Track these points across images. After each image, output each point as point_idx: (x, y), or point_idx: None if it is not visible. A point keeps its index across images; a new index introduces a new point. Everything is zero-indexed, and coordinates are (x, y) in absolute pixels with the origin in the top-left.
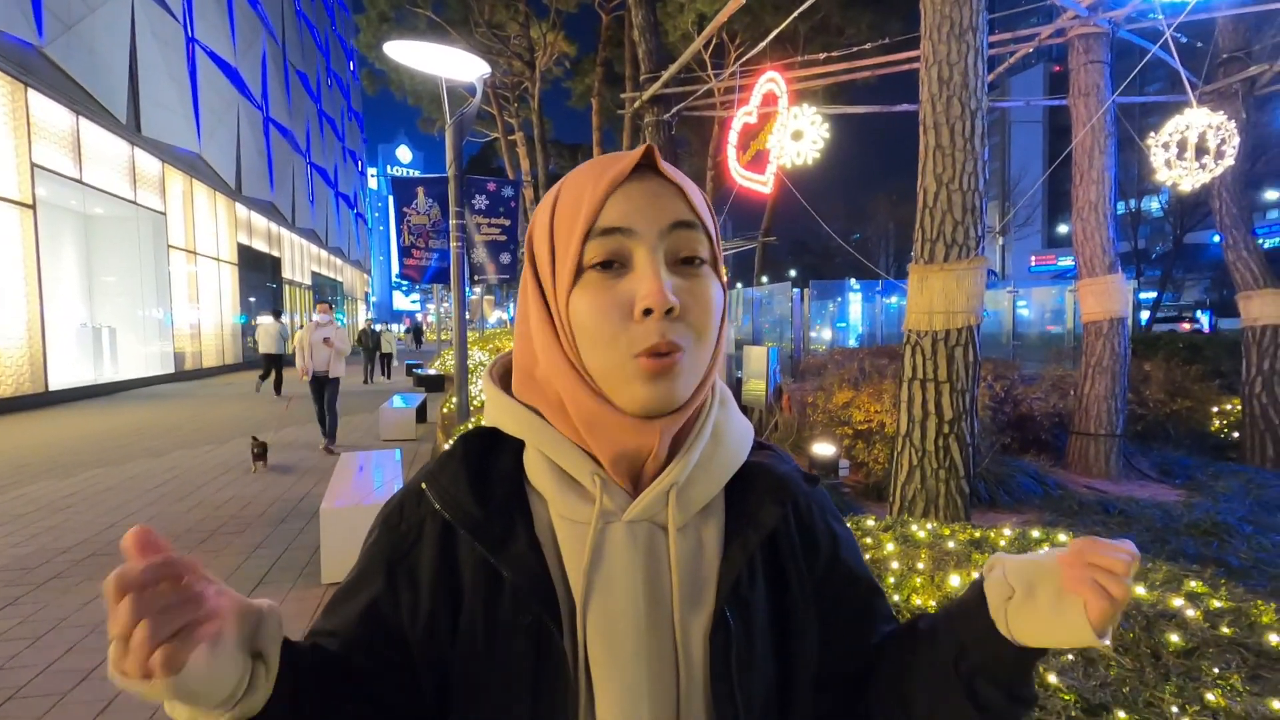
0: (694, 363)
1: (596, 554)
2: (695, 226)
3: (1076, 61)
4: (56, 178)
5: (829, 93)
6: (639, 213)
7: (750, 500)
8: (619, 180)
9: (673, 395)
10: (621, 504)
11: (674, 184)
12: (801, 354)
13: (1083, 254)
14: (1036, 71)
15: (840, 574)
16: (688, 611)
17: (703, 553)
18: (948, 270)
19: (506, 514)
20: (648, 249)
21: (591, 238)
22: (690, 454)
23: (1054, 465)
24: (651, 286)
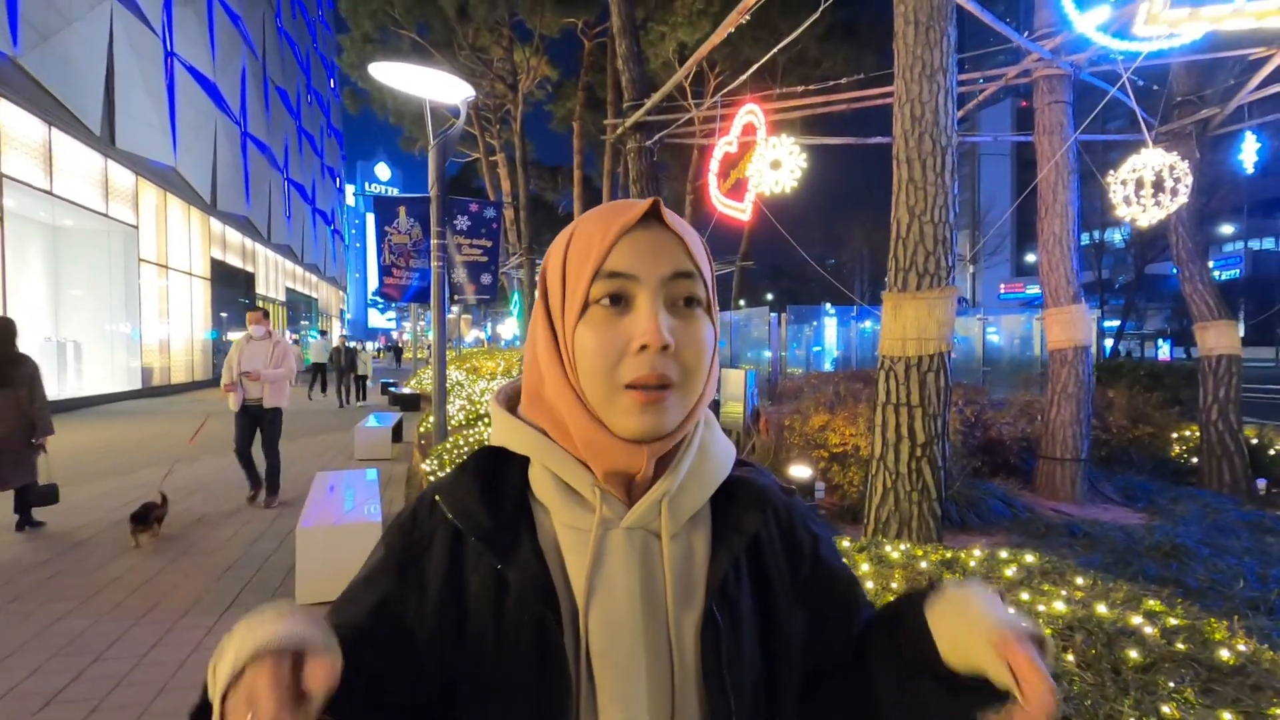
0: (683, 396)
1: (597, 558)
2: (693, 276)
3: (1041, 101)
4: (26, 189)
5: (806, 123)
6: (643, 261)
7: (734, 509)
8: (628, 228)
9: (660, 426)
10: (619, 513)
11: (676, 235)
12: (779, 377)
13: (1048, 284)
14: (1004, 106)
15: (823, 571)
16: (680, 611)
17: (693, 557)
18: (920, 298)
19: (513, 524)
20: (649, 293)
21: (599, 278)
22: (680, 468)
23: (1022, 488)
24: (649, 326)
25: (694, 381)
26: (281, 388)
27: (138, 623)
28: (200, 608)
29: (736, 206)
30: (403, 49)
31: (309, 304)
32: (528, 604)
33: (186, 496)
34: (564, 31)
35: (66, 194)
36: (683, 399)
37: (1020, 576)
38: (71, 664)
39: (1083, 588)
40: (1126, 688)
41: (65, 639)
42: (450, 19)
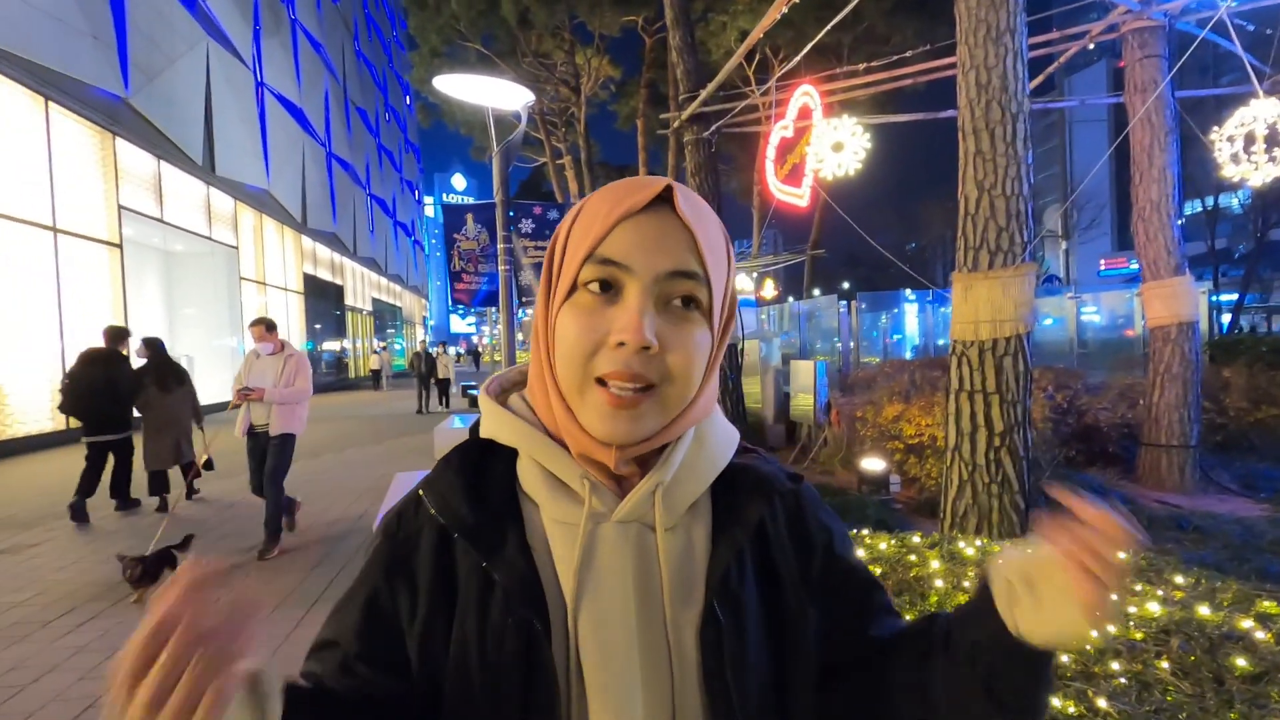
0: (662, 403)
1: (587, 554)
2: (695, 277)
3: (1131, 57)
4: (141, 218)
5: (876, 102)
6: (641, 251)
7: (735, 499)
8: (632, 211)
9: (631, 433)
10: (611, 506)
11: (687, 228)
12: (850, 367)
13: (1146, 256)
14: (1099, 68)
15: (838, 568)
16: (678, 608)
17: (692, 551)
18: (993, 278)
19: (499, 520)
20: (640, 286)
21: (591, 261)
22: (674, 456)
23: (1123, 479)
24: (631, 323)
25: (677, 387)
26: (293, 411)
27: None
28: (292, 600)
29: (794, 193)
30: (469, 61)
31: (394, 313)
32: (513, 606)
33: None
34: (624, 30)
35: (175, 220)
36: (662, 406)
37: None
38: None
39: (1183, 587)
40: (1231, 699)
41: None
42: (512, 28)
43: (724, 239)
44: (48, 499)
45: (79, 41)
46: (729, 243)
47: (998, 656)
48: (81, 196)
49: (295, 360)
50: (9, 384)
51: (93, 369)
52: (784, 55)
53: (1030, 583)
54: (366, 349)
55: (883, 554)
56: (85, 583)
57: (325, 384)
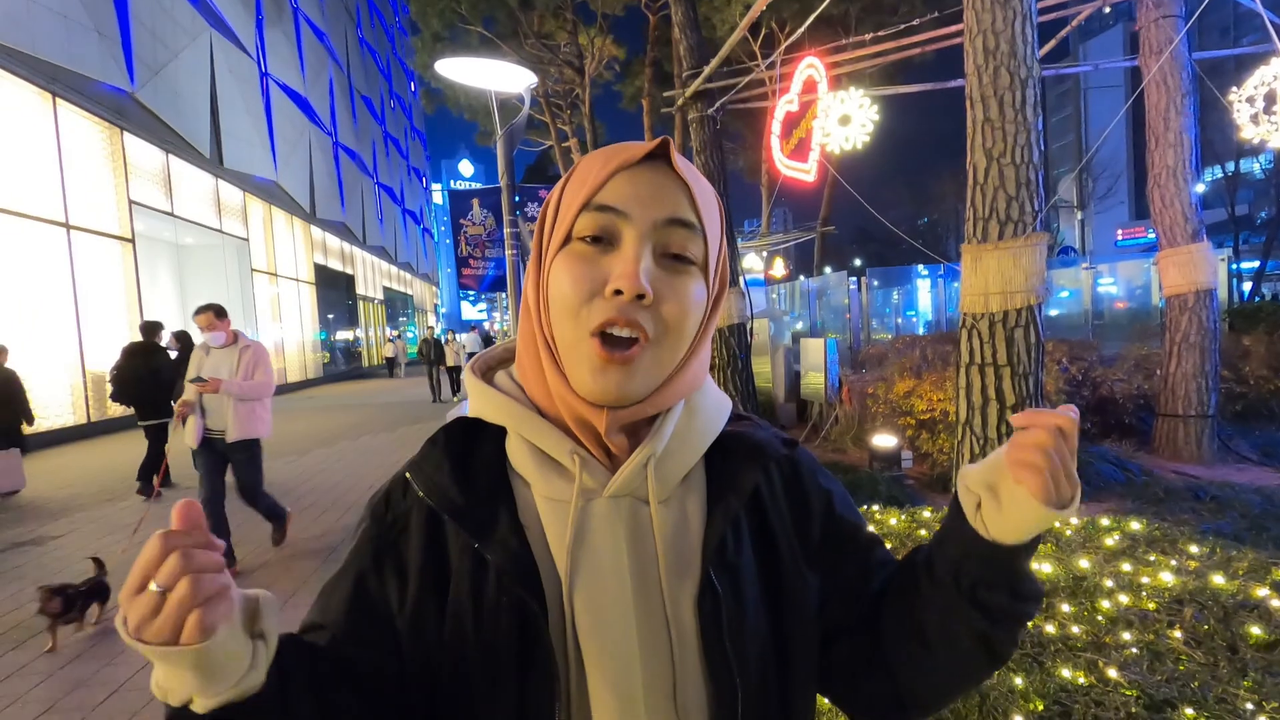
0: (656, 357)
1: (580, 530)
2: (692, 227)
3: (1146, 18)
4: (151, 212)
5: (884, 73)
6: (638, 199)
7: (729, 467)
8: (628, 164)
9: (624, 390)
10: (602, 480)
11: (683, 181)
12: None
13: (1162, 223)
14: (1115, 33)
15: (839, 530)
16: (674, 580)
17: (687, 522)
18: (1003, 249)
19: (490, 499)
20: (637, 234)
21: (587, 210)
22: (664, 428)
23: (1139, 450)
24: (628, 269)
25: (672, 340)
26: (253, 411)
27: None
28: (308, 588)
29: (800, 168)
30: (471, 44)
31: (405, 300)
32: (507, 586)
33: (299, 484)
34: (627, 9)
35: (185, 214)
36: (656, 359)
37: (1123, 546)
38: None
39: (1197, 557)
40: (1244, 668)
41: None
42: (514, 9)
43: (717, 201)
44: (71, 491)
45: (84, 37)
46: (722, 208)
47: (976, 564)
48: (92, 192)
49: (252, 352)
50: (27, 379)
51: (135, 360)
52: (790, 28)
53: (991, 487)
54: (379, 338)
55: (894, 529)
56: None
57: (339, 373)
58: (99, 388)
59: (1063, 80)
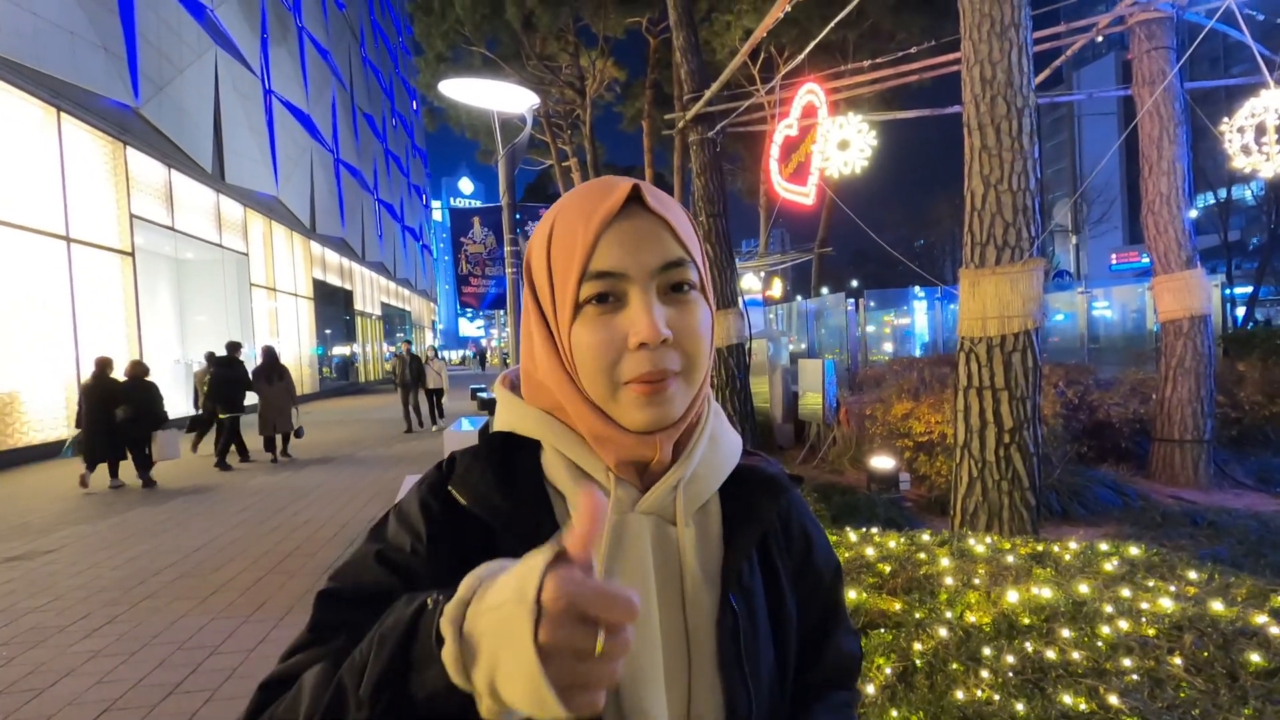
0: (687, 383)
1: (613, 544)
2: (684, 263)
3: (1139, 49)
4: (152, 226)
5: (882, 99)
6: (630, 256)
7: (747, 497)
8: (608, 220)
9: (667, 416)
10: (633, 498)
11: (661, 219)
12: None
13: (1156, 249)
14: (1107, 62)
15: (809, 579)
16: (696, 599)
17: (708, 545)
18: (1000, 274)
19: (532, 508)
20: (640, 288)
21: (587, 279)
22: (694, 454)
23: (1136, 474)
24: (645, 322)
25: (696, 368)
26: None
27: (247, 620)
28: (302, 605)
29: (799, 191)
30: (474, 65)
31: (403, 316)
32: None
33: (295, 500)
34: (629, 32)
35: (186, 228)
36: (687, 385)
37: (1122, 571)
38: (190, 658)
39: (1196, 583)
40: (1245, 696)
41: (186, 635)
42: (517, 31)
43: (689, 220)
44: (62, 505)
45: (90, 53)
46: (694, 221)
47: None
48: (93, 206)
49: None
50: (25, 392)
51: (223, 370)
52: (789, 53)
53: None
54: (376, 353)
55: (891, 552)
56: (100, 588)
57: (336, 388)
58: None
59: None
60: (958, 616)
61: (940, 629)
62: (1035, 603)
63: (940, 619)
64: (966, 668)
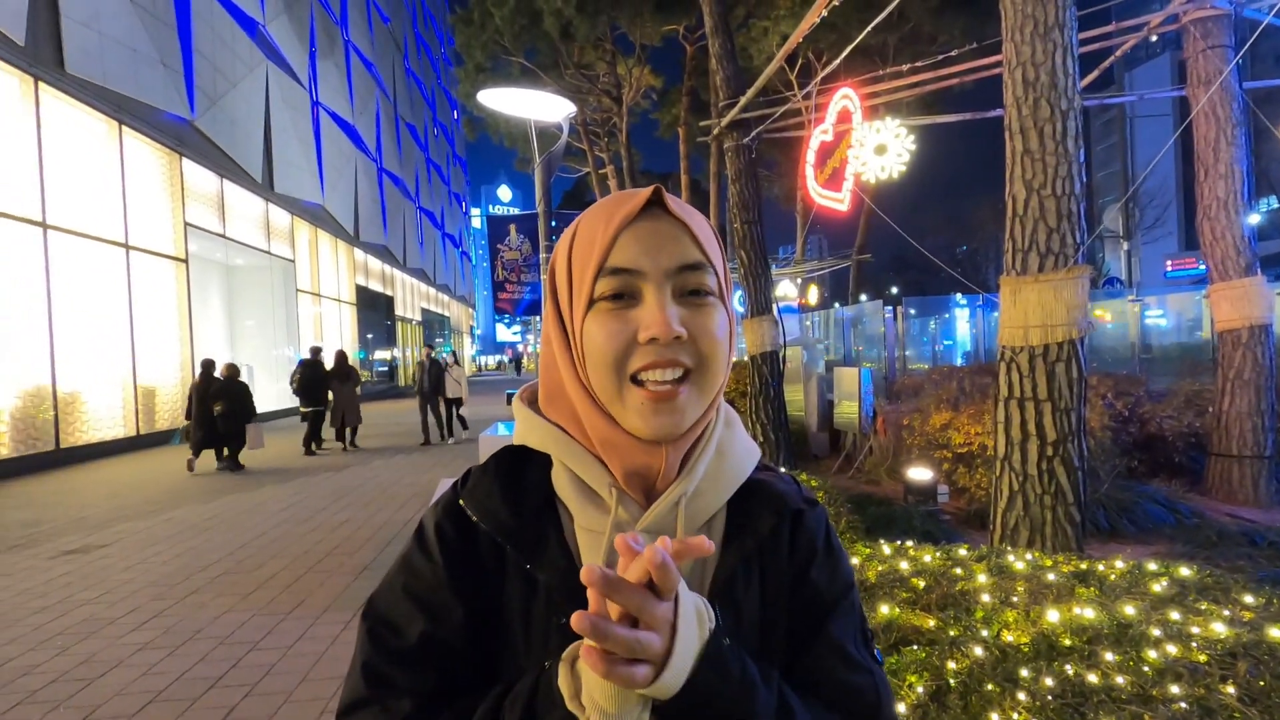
0: (699, 389)
1: (610, 561)
2: (701, 267)
3: (1194, 48)
4: (205, 234)
5: (923, 102)
6: (647, 255)
7: (752, 512)
8: (628, 220)
9: (677, 425)
10: (635, 515)
11: (682, 223)
12: (896, 374)
13: (1213, 256)
14: (1162, 61)
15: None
16: None
17: (705, 561)
18: (1044, 282)
19: (538, 523)
20: (655, 286)
21: (603, 275)
22: (696, 469)
23: (1190, 491)
24: (657, 317)
25: (710, 371)
26: None
27: (286, 617)
28: (339, 604)
29: (834, 197)
30: (513, 74)
31: (442, 322)
32: (556, 604)
33: (335, 500)
34: (665, 39)
35: (236, 236)
36: (699, 391)
37: (1171, 593)
38: (232, 653)
39: (1252, 607)
40: None
41: (229, 630)
42: (555, 41)
43: (712, 230)
44: (117, 502)
45: (150, 69)
46: (718, 235)
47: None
48: (151, 215)
49: None
50: (85, 392)
51: (308, 370)
52: (827, 59)
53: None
54: (415, 358)
55: (926, 566)
56: (148, 583)
57: (378, 391)
58: (149, 401)
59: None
60: (994, 635)
61: (976, 648)
62: (1077, 623)
63: (976, 637)
64: (1003, 689)
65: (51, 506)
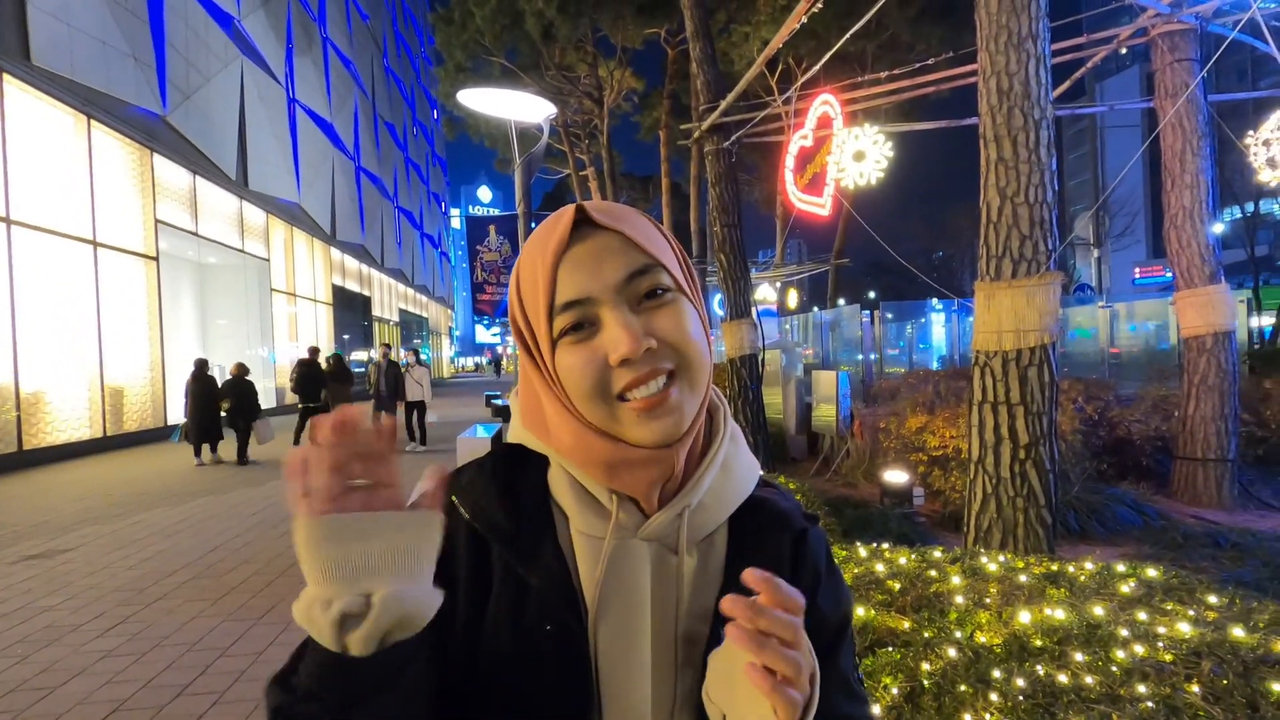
0: (688, 384)
1: (611, 568)
2: (649, 269)
3: (1161, 61)
4: (176, 231)
5: (900, 110)
6: (591, 278)
7: (755, 529)
8: (561, 249)
9: (678, 425)
10: (636, 522)
11: (614, 231)
12: (874, 378)
13: (1179, 264)
14: (1132, 74)
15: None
16: (689, 631)
17: (706, 574)
18: (1017, 287)
19: (533, 526)
20: (610, 307)
21: (556, 313)
22: (702, 482)
23: (1157, 493)
24: (620, 337)
25: (693, 365)
26: None
27: (258, 623)
28: None
29: (815, 202)
30: (493, 75)
31: (420, 323)
32: (550, 609)
33: None
34: (647, 42)
35: (209, 234)
36: (689, 386)
37: (1139, 593)
38: (200, 659)
39: (1216, 607)
40: None
41: (197, 637)
42: (536, 41)
43: (651, 224)
44: (83, 505)
45: (120, 62)
46: (658, 224)
47: None
48: (120, 211)
49: None
50: (50, 392)
51: (303, 368)
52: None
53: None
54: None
55: (902, 569)
56: (114, 588)
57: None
58: (117, 402)
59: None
60: (968, 636)
61: (949, 649)
62: (1048, 624)
63: (950, 639)
64: (975, 690)
65: (13, 510)
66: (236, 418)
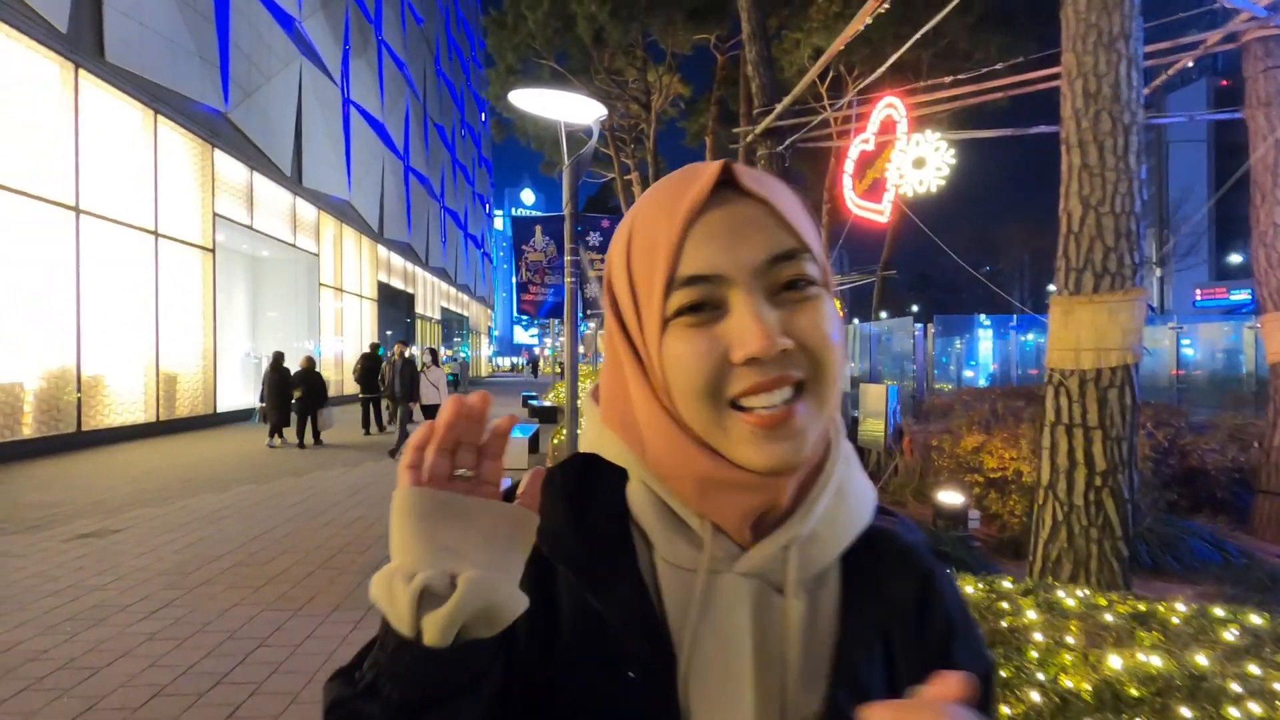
0: (817, 402)
1: (704, 607)
2: (796, 254)
3: (1253, 69)
4: (233, 225)
5: (956, 118)
6: (726, 253)
7: (874, 570)
8: (695, 211)
9: (797, 451)
10: (732, 553)
11: (762, 201)
12: (924, 393)
13: (1266, 284)
14: (1198, 87)
15: None
16: (801, 688)
17: (817, 623)
18: (1098, 302)
19: (610, 552)
20: (743, 291)
21: (675, 288)
22: (814, 508)
23: (1235, 528)
24: (753, 331)
25: (827, 378)
26: None
27: (296, 614)
28: (350, 603)
29: (873, 208)
30: (543, 78)
31: (461, 321)
32: (631, 652)
33: (349, 496)
34: (696, 48)
35: (263, 228)
36: (818, 404)
37: (1244, 642)
38: (239, 648)
39: None
40: None
41: (238, 624)
42: (587, 45)
43: (803, 206)
44: (136, 487)
45: (187, 60)
46: (809, 206)
47: None
48: (181, 204)
49: None
50: (109, 376)
51: (366, 362)
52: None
53: None
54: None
55: (969, 598)
56: (160, 571)
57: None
58: (170, 388)
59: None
60: (1051, 679)
61: (1032, 692)
62: (1143, 671)
63: (1031, 680)
64: None
65: (71, 488)
66: (305, 405)
